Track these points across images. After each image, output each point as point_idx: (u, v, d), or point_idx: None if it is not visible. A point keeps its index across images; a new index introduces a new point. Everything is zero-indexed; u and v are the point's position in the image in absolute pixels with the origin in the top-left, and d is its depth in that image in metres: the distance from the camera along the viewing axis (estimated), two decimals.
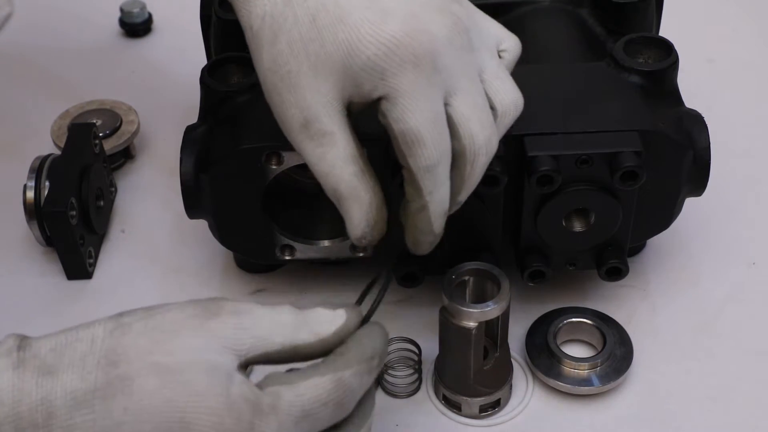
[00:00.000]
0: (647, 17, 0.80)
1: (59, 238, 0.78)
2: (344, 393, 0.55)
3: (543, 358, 0.72)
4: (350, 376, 0.55)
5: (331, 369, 0.55)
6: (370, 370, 0.56)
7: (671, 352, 0.74)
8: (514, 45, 0.67)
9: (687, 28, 0.91)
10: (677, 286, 0.79)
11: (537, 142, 0.68)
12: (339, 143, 0.60)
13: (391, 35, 0.58)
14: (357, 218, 0.61)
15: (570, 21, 0.81)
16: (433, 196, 0.61)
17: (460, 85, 0.61)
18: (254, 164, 0.68)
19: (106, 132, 0.88)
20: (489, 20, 0.67)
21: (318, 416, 0.54)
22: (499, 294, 0.66)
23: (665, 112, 0.71)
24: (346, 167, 0.60)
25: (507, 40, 0.67)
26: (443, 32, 0.60)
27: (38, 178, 0.79)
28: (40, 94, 0.99)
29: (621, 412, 0.71)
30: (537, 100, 0.71)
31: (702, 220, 0.83)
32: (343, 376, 0.55)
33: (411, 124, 0.59)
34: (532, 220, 0.71)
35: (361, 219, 0.61)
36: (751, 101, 0.97)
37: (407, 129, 0.59)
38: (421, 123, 0.59)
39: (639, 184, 0.68)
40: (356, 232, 0.61)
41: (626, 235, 0.72)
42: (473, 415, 0.70)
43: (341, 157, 0.60)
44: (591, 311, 0.74)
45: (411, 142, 0.59)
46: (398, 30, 0.58)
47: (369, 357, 0.56)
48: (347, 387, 0.55)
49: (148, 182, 0.90)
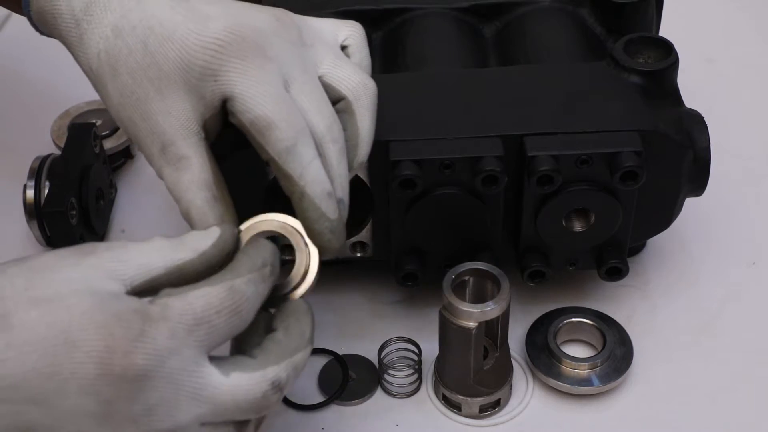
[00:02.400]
0: (647, 17, 0.80)
1: (59, 238, 0.78)
2: (238, 300, 0.53)
3: (543, 358, 0.72)
4: (242, 283, 0.54)
5: (220, 279, 0.54)
6: (263, 278, 0.55)
7: (671, 352, 0.74)
8: (353, 31, 0.67)
9: (687, 28, 0.91)
10: (677, 286, 0.79)
11: (537, 142, 0.68)
12: (194, 167, 0.60)
13: (215, 37, 0.59)
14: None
15: (570, 21, 0.80)
16: (305, 177, 0.59)
17: (294, 76, 0.61)
18: (254, 164, 0.68)
19: (106, 132, 0.88)
20: (320, 20, 0.67)
21: (213, 324, 0.53)
22: (499, 294, 0.66)
23: (665, 112, 0.71)
24: (198, 192, 0.60)
25: (343, 29, 0.67)
26: (267, 25, 0.61)
27: (38, 178, 0.79)
28: (40, 94, 0.99)
29: (621, 412, 0.71)
30: (537, 100, 0.71)
31: (702, 220, 0.83)
32: (233, 283, 0.54)
33: (256, 111, 0.59)
34: (532, 220, 0.71)
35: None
36: (751, 101, 0.97)
37: (254, 117, 0.59)
38: (265, 107, 0.59)
39: (639, 184, 0.68)
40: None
41: (626, 235, 0.72)
42: (473, 415, 0.70)
43: (195, 182, 0.60)
44: (591, 311, 0.74)
45: (262, 128, 0.59)
46: (221, 30, 0.59)
47: (260, 265, 0.55)
48: (240, 294, 0.54)
49: (148, 182, 0.90)
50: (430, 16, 0.81)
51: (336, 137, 0.62)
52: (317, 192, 0.60)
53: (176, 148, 0.60)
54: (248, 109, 0.59)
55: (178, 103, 0.60)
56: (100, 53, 0.61)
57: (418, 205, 0.69)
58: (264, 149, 0.60)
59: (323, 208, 0.60)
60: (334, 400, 0.71)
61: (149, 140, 0.60)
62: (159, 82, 0.60)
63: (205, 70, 0.59)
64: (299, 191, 0.59)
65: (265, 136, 0.59)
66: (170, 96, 0.60)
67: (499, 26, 0.82)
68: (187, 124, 0.60)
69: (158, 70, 0.60)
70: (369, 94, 0.64)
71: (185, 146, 0.60)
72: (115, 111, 0.62)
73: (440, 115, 0.70)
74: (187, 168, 0.60)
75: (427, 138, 0.68)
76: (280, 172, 0.60)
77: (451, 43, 0.79)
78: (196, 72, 0.59)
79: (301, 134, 0.59)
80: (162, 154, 0.60)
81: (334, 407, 0.71)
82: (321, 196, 0.60)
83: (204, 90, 0.60)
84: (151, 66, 0.60)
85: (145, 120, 0.60)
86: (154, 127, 0.60)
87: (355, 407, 0.71)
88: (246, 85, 0.59)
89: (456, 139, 0.68)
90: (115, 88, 0.61)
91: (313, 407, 0.71)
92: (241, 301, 0.54)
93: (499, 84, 0.73)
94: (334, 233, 0.61)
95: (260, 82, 0.59)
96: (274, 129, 0.59)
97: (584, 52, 0.78)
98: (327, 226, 0.60)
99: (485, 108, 0.71)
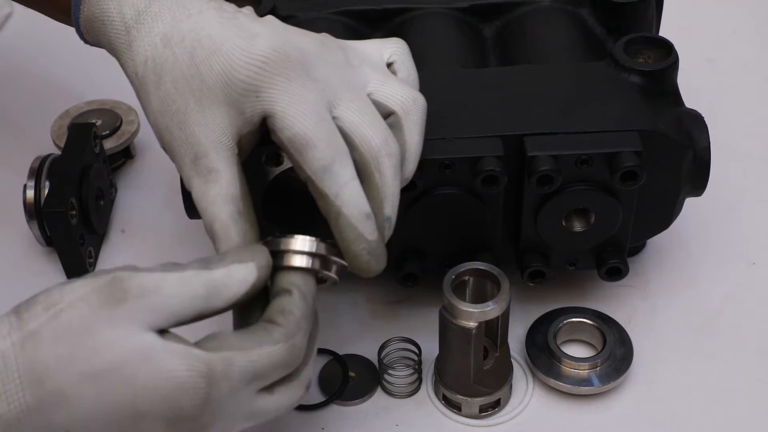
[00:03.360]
0: (647, 17, 0.80)
1: (59, 238, 0.78)
2: (295, 355, 0.57)
3: (543, 358, 0.72)
4: (301, 338, 0.57)
5: (284, 335, 0.56)
6: (315, 322, 0.59)
7: (671, 352, 0.74)
8: (397, 47, 0.68)
9: (687, 28, 0.91)
10: (677, 286, 0.79)
11: (537, 142, 0.68)
12: (222, 181, 0.60)
13: (260, 54, 0.60)
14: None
15: (570, 21, 0.81)
16: (341, 197, 0.59)
17: (341, 95, 0.61)
18: (254, 164, 0.68)
19: (106, 132, 0.88)
20: (364, 42, 0.68)
21: (268, 377, 0.56)
22: (499, 294, 0.66)
23: (665, 112, 0.71)
24: (224, 207, 0.60)
25: (387, 47, 0.67)
26: (312, 48, 0.62)
27: (38, 178, 0.79)
28: (40, 94, 0.99)
29: (621, 412, 0.71)
30: (537, 100, 0.71)
31: (702, 220, 0.83)
32: (295, 341, 0.56)
33: (295, 129, 0.59)
34: (532, 220, 0.71)
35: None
36: (751, 101, 0.97)
37: (292, 135, 0.59)
38: (304, 125, 0.59)
39: (639, 184, 0.68)
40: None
41: (626, 235, 0.72)
42: (473, 415, 0.70)
43: (221, 195, 0.60)
44: (591, 311, 0.74)
45: (300, 146, 0.59)
46: (266, 48, 0.60)
47: (312, 311, 0.58)
48: (298, 349, 0.57)
49: (148, 182, 0.90)
50: (430, 16, 0.81)
51: (392, 152, 0.61)
52: (354, 213, 0.60)
53: (208, 160, 0.60)
54: (287, 126, 0.59)
55: (216, 116, 0.60)
56: (147, 60, 0.62)
57: (418, 205, 0.69)
58: (301, 168, 0.60)
59: (360, 229, 0.60)
60: (334, 400, 0.71)
61: (183, 150, 0.61)
62: (200, 93, 0.60)
63: (248, 86, 0.60)
64: (335, 211, 0.60)
65: (302, 154, 0.59)
66: (210, 109, 0.60)
67: (499, 26, 0.82)
68: (222, 138, 0.60)
69: (201, 82, 0.60)
70: (418, 109, 0.64)
71: (217, 159, 0.60)
72: (153, 118, 0.62)
73: (440, 115, 0.70)
74: (215, 181, 0.60)
75: (427, 138, 0.67)
76: (317, 192, 0.60)
77: (451, 43, 0.79)
78: (239, 87, 0.60)
79: (338, 155, 0.59)
80: (193, 165, 0.61)
81: (334, 407, 0.71)
82: (358, 217, 0.60)
83: (244, 106, 0.60)
84: (194, 77, 0.60)
85: (182, 130, 0.60)
86: (189, 137, 0.60)
87: (355, 407, 0.71)
88: (287, 103, 0.59)
89: (456, 139, 0.68)
90: (157, 96, 0.61)
91: (313, 407, 0.71)
92: (298, 356, 0.57)
93: (499, 84, 0.73)
94: (372, 255, 0.61)
95: (301, 101, 0.60)
96: (312, 148, 0.59)
97: (584, 52, 0.78)
98: (365, 248, 0.60)
99: (485, 108, 0.71)
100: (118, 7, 0.63)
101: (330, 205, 0.59)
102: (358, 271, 0.61)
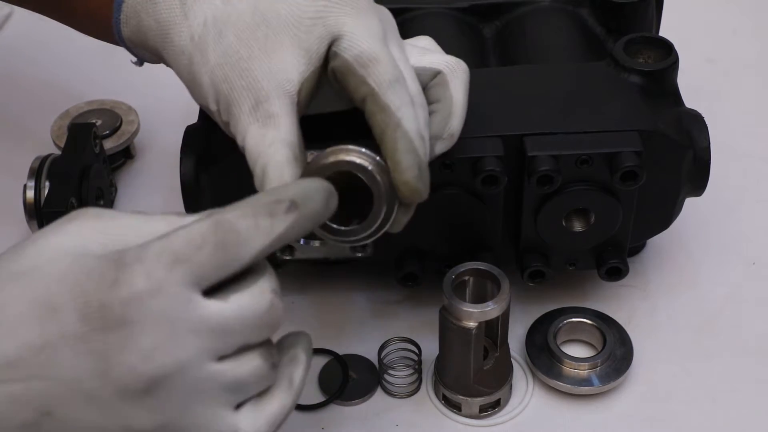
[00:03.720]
0: (647, 17, 0.80)
1: None
2: (225, 233, 0.50)
3: (543, 358, 0.72)
4: (235, 216, 0.51)
5: (210, 214, 0.51)
6: (270, 212, 0.51)
7: (671, 352, 0.74)
8: (428, 37, 0.70)
9: (687, 28, 0.91)
10: (677, 286, 0.79)
11: (537, 142, 0.68)
12: (282, 126, 0.60)
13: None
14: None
15: (570, 21, 0.81)
16: (403, 111, 0.60)
17: (393, 41, 0.63)
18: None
19: (106, 132, 0.88)
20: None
21: (195, 261, 0.50)
22: (499, 294, 0.66)
23: (665, 112, 0.71)
24: (281, 149, 0.60)
25: (420, 38, 0.69)
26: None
27: (38, 178, 0.79)
28: (40, 94, 0.99)
29: (621, 412, 0.71)
30: (537, 100, 0.71)
31: (702, 220, 0.83)
32: (220, 218, 0.51)
33: (363, 46, 0.61)
34: (532, 220, 0.71)
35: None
36: (751, 101, 0.97)
37: (361, 51, 0.60)
38: (372, 44, 0.61)
39: (639, 184, 0.68)
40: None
41: (626, 235, 0.72)
42: (473, 415, 0.70)
43: (279, 139, 0.60)
44: (591, 311, 0.74)
45: (367, 61, 0.60)
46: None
47: (273, 200, 0.52)
48: (229, 227, 0.50)
49: (148, 182, 0.90)
50: (430, 16, 0.81)
51: (425, 105, 0.63)
52: (412, 128, 0.60)
53: (269, 104, 0.60)
54: (355, 44, 0.61)
55: (281, 61, 0.61)
56: (206, 20, 0.63)
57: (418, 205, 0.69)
58: (365, 81, 0.60)
59: (416, 144, 0.60)
60: (334, 400, 0.71)
61: (242, 97, 0.61)
62: (265, 40, 0.61)
63: (316, 20, 0.61)
64: (395, 122, 0.60)
65: (368, 68, 0.60)
66: (275, 53, 0.61)
67: (499, 26, 0.82)
68: (285, 84, 0.61)
69: (267, 28, 0.61)
70: (462, 68, 0.66)
71: (278, 105, 0.61)
72: (209, 75, 0.62)
73: None
74: (275, 126, 0.60)
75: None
76: (378, 105, 0.60)
77: (451, 43, 0.79)
78: (306, 24, 0.61)
79: (401, 75, 0.61)
80: (253, 111, 0.61)
81: (334, 407, 0.71)
82: (415, 133, 0.60)
83: (311, 41, 0.61)
84: (260, 25, 0.62)
85: (243, 77, 0.61)
86: (251, 83, 0.61)
87: (355, 407, 0.71)
88: (355, 25, 0.61)
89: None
90: (216, 50, 0.62)
91: (313, 407, 0.71)
92: (229, 235, 0.50)
93: (498, 84, 0.73)
94: (421, 172, 0.60)
95: (368, 25, 0.62)
96: (379, 63, 0.60)
97: (584, 52, 0.78)
98: (417, 162, 0.60)
99: (485, 108, 0.71)
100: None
101: (390, 116, 0.60)
102: (404, 188, 0.59)
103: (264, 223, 0.51)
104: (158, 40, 0.65)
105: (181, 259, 0.50)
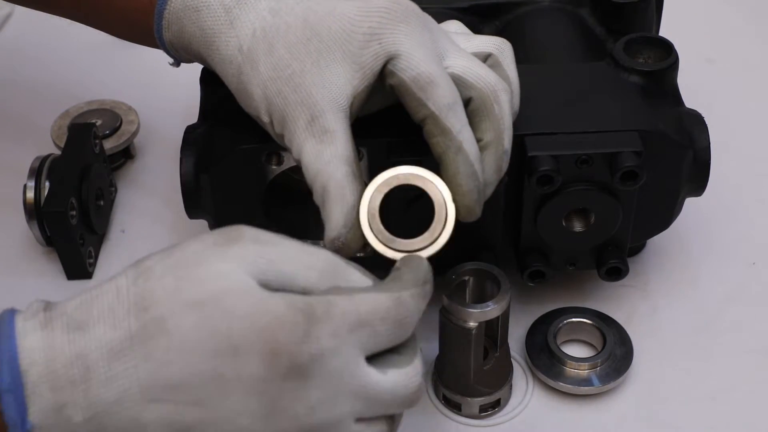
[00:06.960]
0: (647, 17, 0.80)
1: (59, 238, 0.78)
2: (404, 312, 0.54)
3: (543, 358, 0.72)
4: (409, 296, 0.54)
5: (387, 288, 0.54)
6: (424, 294, 0.56)
7: (671, 352, 0.74)
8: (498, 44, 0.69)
9: (687, 28, 0.91)
10: (677, 286, 0.79)
11: (537, 142, 0.68)
12: (338, 142, 0.61)
13: (380, 6, 0.62)
14: (337, 218, 0.60)
15: (570, 21, 0.81)
16: (463, 134, 0.61)
17: (449, 48, 0.64)
18: (254, 164, 0.68)
19: (106, 132, 0.88)
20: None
21: (376, 330, 0.53)
22: (499, 294, 0.66)
23: (665, 112, 0.71)
24: (340, 166, 0.60)
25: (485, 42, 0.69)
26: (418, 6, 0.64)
27: (38, 178, 0.79)
28: (40, 94, 0.99)
29: (621, 412, 0.71)
30: (537, 100, 0.71)
31: (702, 220, 0.83)
32: (401, 296, 0.54)
33: (421, 68, 0.61)
34: (532, 220, 0.71)
35: (340, 219, 0.60)
36: (751, 101, 0.97)
37: (418, 73, 0.61)
38: (429, 66, 0.61)
39: (639, 184, 0.68)
40: (333, 232, 0.60)
41: (626, 235, 0.72)
42: (473, 415, 0.70)
43: (337, 155, 0.60)
44: (591, 311, 0.74)
45: (425, 83, 0.61)
46: (384, 2, 0.62)
47: (423, 281, 0.56)
48: (407, 306, 0.54)
49: (148, 182, 0.90)
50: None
51: (506, 87, 0.64)
52: (472, 150, 0.61)
53: (324, 120, 0.61)
54: (413, 66, 0.61)
55: (333, 76, 0.61)
56: (255, 31, 0.63)
57: (418, 205, 0.69)
58: (424, 104, 0.61)
59: (476, 167, 0.61)
60: None
61: (297, 112, 0.61)
62: (318, 54, 0.61)
63: (370, 37, 0.61)
64: (456, 146, 0.61)
65: (427, 92, 0.61)
66: (327, 68, 0.61)
67: (499, 26, 0.82)
68: (339, 98, 0.61)
69: (319, 42, 0.61)
70: (509, 47, 0.67)
71: (333, 120, 0.61)
72: (262, 87, 0.62)
73: None
74: (331, 142, 0.61)
75: None
76: (439, 128, 0.61)
77: None
78: (359, 40, 0.61)
79: (458, 96, 0.62)
80: (308, 127, 0.61)
81: None
82: (475, 156, 0.61)
83: (364, 57, 0.61)
84: (311, 39, 0.62)
85: (297, 92, 0.61)
86: (306, 98, 0.61)
87: None
88: (411, 45, 0.61)
89: None
90: (267, 63, 0.62)
91: None
92: (406, 314, 0.54)
93: None
94: (480, 195, 0.62)
95: (423, 47, 0.62)
96: (437, 86, 0.61)
97: (584, 52, 0.78)
98: (476, 186, 0.61)
99: None
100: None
101: (452, 140, 0.61)
102: (463, 210, 0.61)
103: (420, 305, 0.56)
104: (202, 48, 0.65)
105: (363, 324, 0.53)
